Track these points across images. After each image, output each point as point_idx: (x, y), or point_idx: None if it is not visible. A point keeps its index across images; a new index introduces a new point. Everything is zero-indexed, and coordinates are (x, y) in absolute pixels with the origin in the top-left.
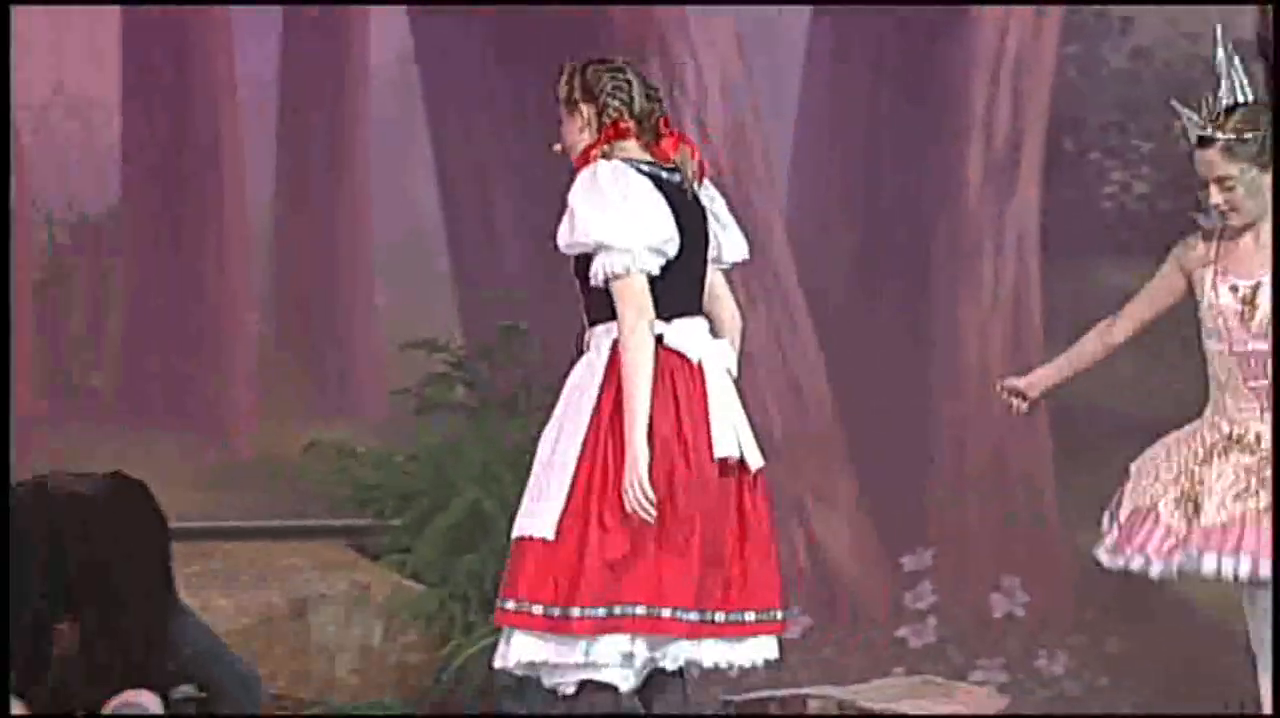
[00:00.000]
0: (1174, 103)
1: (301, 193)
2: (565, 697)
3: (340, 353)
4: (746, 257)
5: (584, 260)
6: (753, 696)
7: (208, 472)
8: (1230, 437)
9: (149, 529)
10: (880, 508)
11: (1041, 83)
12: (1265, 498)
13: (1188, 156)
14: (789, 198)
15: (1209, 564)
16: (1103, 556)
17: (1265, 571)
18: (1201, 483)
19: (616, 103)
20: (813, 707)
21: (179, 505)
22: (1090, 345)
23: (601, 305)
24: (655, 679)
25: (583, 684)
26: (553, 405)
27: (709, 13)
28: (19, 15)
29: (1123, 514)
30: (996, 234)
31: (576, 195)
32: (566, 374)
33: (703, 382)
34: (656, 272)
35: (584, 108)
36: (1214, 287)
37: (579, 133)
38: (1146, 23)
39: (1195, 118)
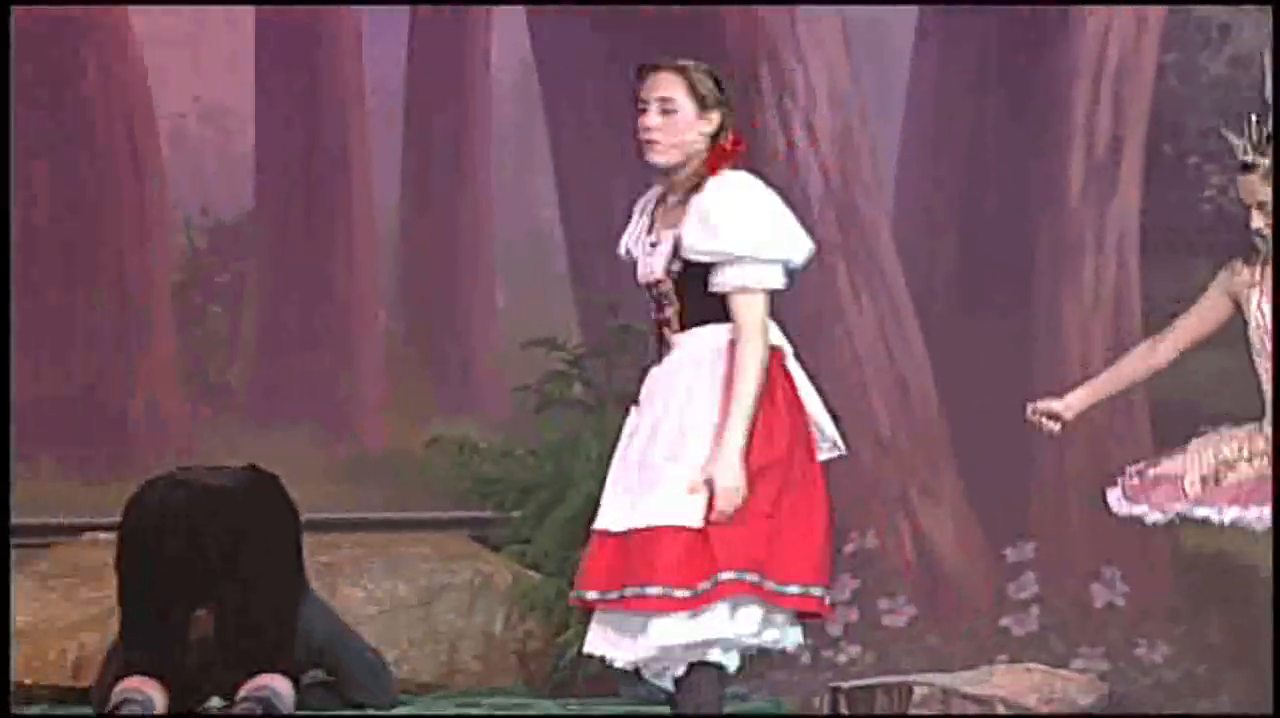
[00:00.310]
0: (1223, 131)
1: (426, 196)
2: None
3: (463, 351)
4: None
5: (690, 263)
6: (859, 683)
7: (337, 465)
8: (1268, 435)
9: (282, 521)
10: (984, 502)
11: (1142, 90)
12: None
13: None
14: (895, 201)
15: (1202, 512)
16: (1113, 500)
17: (1263, 525)
18: (1233, 469)
19: (731, 115)
20: (917, 694)
21: (310, 498)
22: (1129, 368)
23: (709, 308)
24: (694, 672)
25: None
26: None
27: (817, 14)
28: (157, 27)
29: (1151, 472)
30: (1098, 236)
31: (726, 204)
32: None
33: (790, 375)
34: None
35: (714, 114)
36: (1259, 307)
37: (700, 135)
38: (1244, 32)
39: (1240, 143)
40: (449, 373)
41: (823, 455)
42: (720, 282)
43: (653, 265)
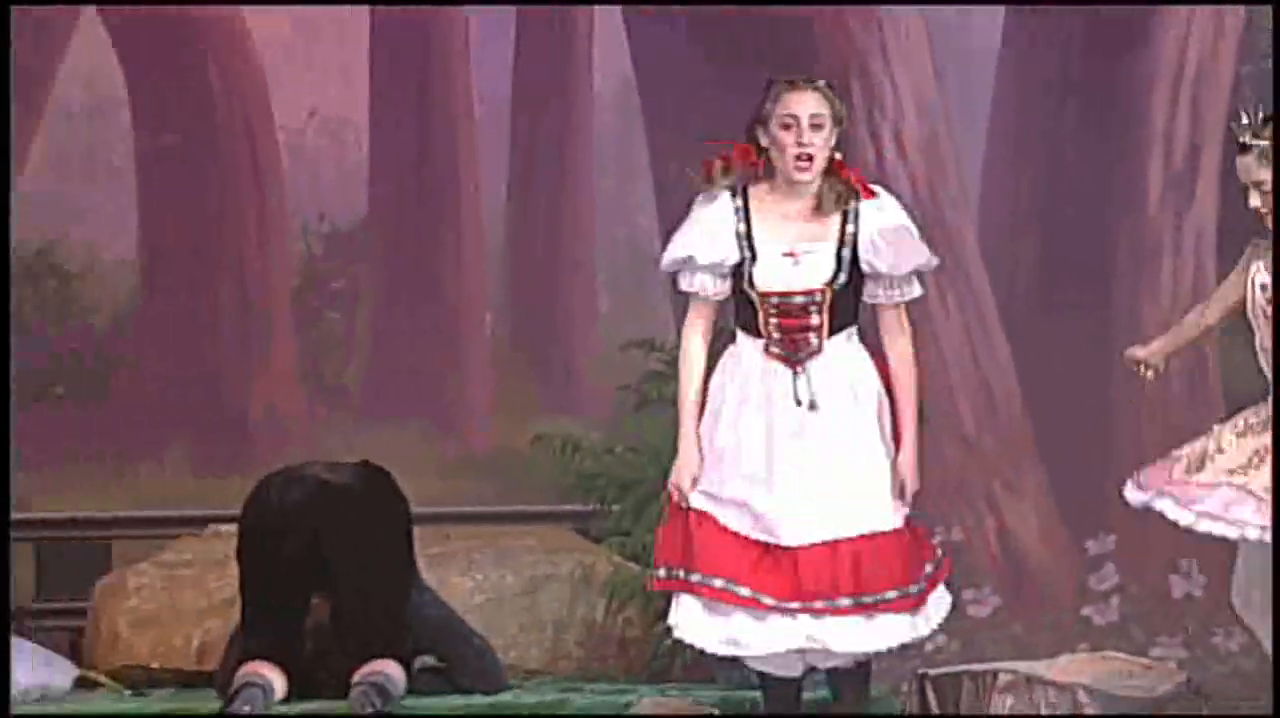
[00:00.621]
0: (1233, 124)
1: (531, 203)
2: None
3: (565, 352)
4: None
5: (844, 272)
6: (946, 670)
7: (446, 462)
8: (1264, 421)
9: (394, 514)
10: (1066, 496)
11: (1219, 98)
12: (1256, 478)
13: None
14: (980, 208)
15: (1160, 505)
16: (1129, 492)
17: (1203, 527)
18: (1222, 452)
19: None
20: (1001, 681)
21: (420, 492)
22: (1189, 326)
23: (850, 312)
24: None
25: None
26: None
27: (903, 23)
28: (275, 42)
29: (1174, 452)
30: (1176, 240)
31: (903, 222)
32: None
33: None
34: None
35: (835, 131)
36: (1251, 284)
37: (828, 148)
38: None
39: (1239, 126)
40: (552, 373)
41: None
42: (892, 293)
43: (801, 277)
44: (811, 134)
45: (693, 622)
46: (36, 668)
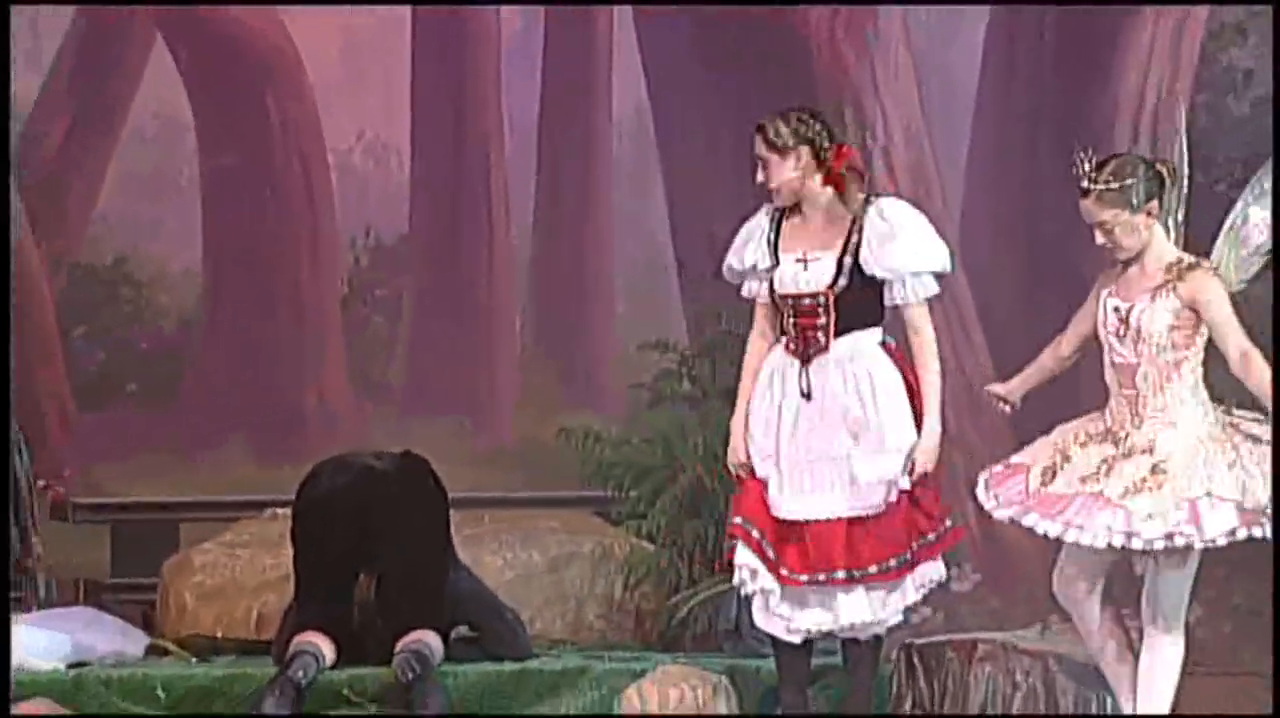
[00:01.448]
0: (1073, 169)
1: (555, 220)
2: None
3: (587, 353)
4: None
5: (860, 276)
6: (930, 640)
7: (479, 452)
8: (1107, 431)
9: (432, 498)
10: None
11: (1176, 127)
12: (1108, 484)
13: None
14: (961, 224)
15: (1029, 520)
16: (979, 490)
17: (1070, 537)
18: (1069, 461)
19: (829, 142)
20: (981, 650)
21: (455, 480)
22: (1047, 359)
23: (862, 314)
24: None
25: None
26: None
27: (893, 61)
28: (325, 72)
29: (1012, 459)
30: None
31: (922, 223)
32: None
33: None
34: None
35: (806, 151)
36: (1103, 307)
37: (797, 171)
38: (1263, 77)
39: (1080, 171)
40: (575, 372)
41: None
42: (906, 294)
43: (809, 280)
44: (761, 170)
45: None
46: (113, 637)
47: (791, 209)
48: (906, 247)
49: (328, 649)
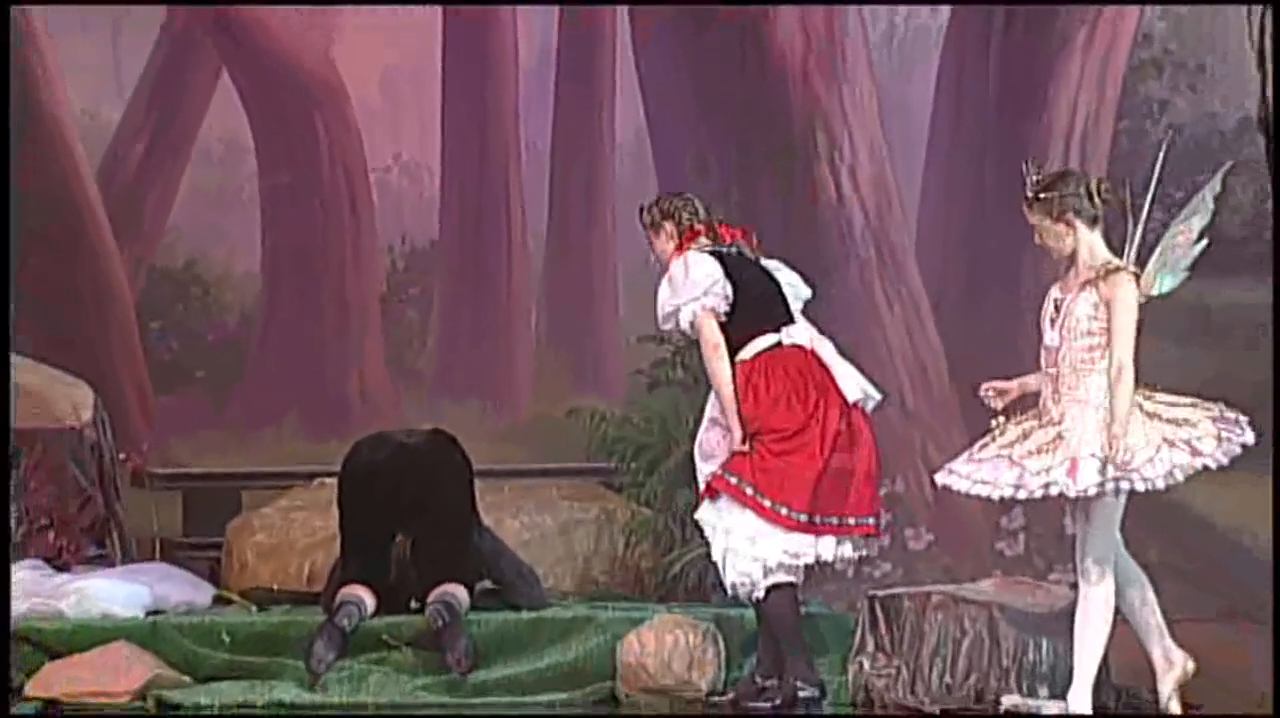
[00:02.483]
0: (1024, 179)
1: (566, 230)
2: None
3: (593, 344)
4: (808, 294)
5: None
6: (890, 592)
7: (499, 429)
8: (1034, 409)
9: (459, 470)
10: None
11: (1101, 149)
12: (1019, 448)
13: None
14: (917, 230)
15: (949, 480)
16: (939, 477)
17: (975, 491)
18: (1001, 433)
19: (687, 216)
20: (934, 600)
21: (479, 454)
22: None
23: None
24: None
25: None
26: None
27: (859, 90)
28: (367, 101)
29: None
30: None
31: (678, 271)
32: None
33: (819, 358)
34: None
35: (663, 226)
36: (1047, 299)
37: (666, 242)
38: (1177, 106)
39: (1028, 183)
40: (583, 361)
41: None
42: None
43: None
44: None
45: None
46: (184, 588)
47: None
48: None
49: (369, 600)
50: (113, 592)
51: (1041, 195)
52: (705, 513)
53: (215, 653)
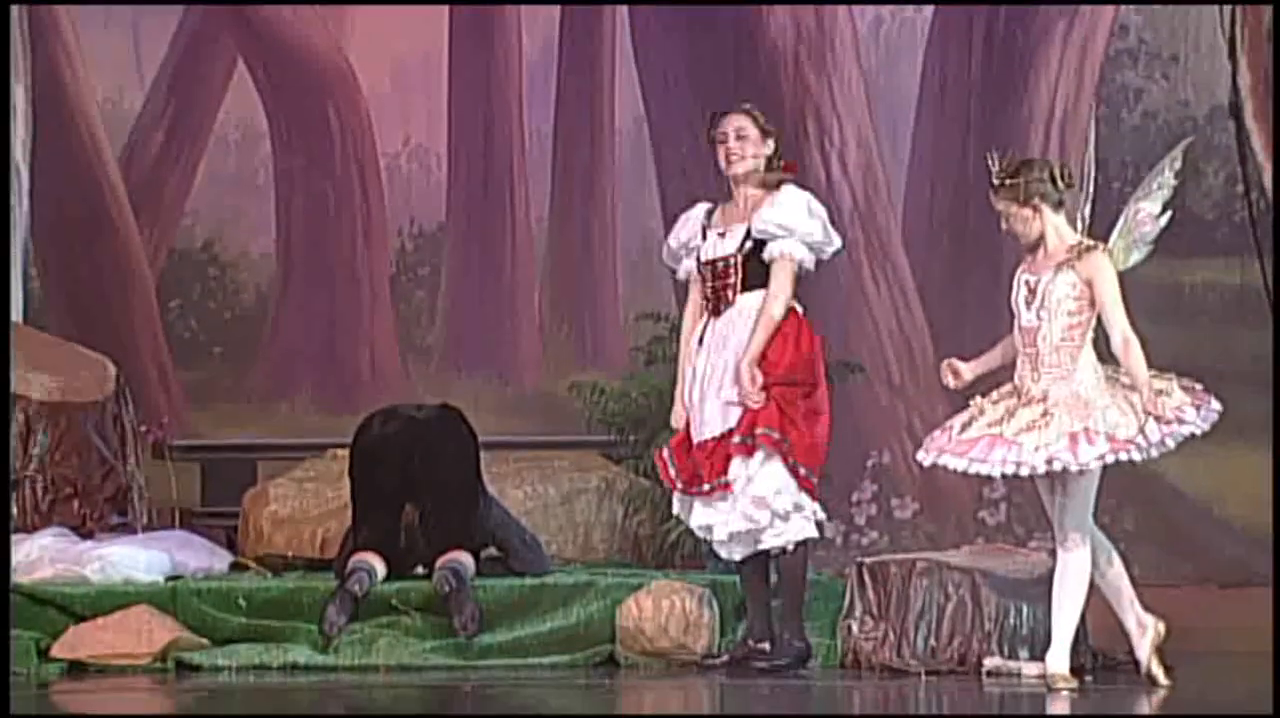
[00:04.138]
0: (988, 156)
1: (568, 213)
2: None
3: (594, 322)
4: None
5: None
6: (877, 559)
7: (504, 402)
8: (1014, 388)
9: (466, 441)
10: None
11: (1079, 133)
12: (1008, 427)
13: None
14: (903, 214)
15: (942, 460)
16: (921, 456)
17: (973, 469)
18: (983, 413)
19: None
20: (919, 567)
21: (485, 426)
22: (997, 353)
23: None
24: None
25: None
26: None
27: (847, 79)
28: (377, 89)
29: (947, 422)
30: None
31: (803, 202)
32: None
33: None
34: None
35: (766, 141)
36: (1016, 284)
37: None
38: (1152, 94)
39: (993, 170)
40: (584, 337)
41: None
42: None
43: (722, 247)
44: (735, 143)
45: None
46: (203, 555)
47: (728, 198)
48: (778, 209)
49: (379, 567)
50: (134, 558)
51: (1008, 182)
52: (739, 469)
53: (232, 617)
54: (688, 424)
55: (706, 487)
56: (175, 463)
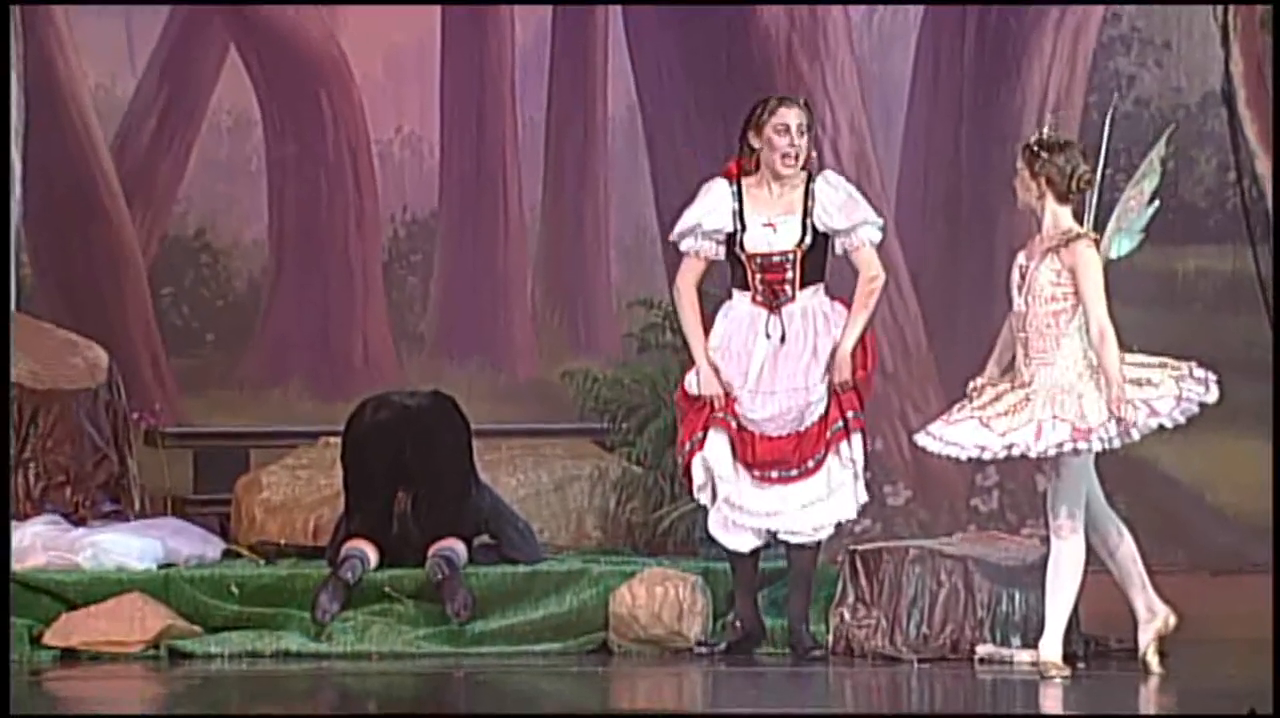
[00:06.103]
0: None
1: (560, 200)
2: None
3: (586, 309)
4: None
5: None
6: (870, 546)
7: (497, 390)
8: (1007, 373)
9: (458, 429)
10: None
11: (1073, 120)
12: (989, 410)
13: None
14: (896, 203)
15: (921, 440)
16: (919, 437)
17: (944, 451)
18: (978, 396)
19: None
20: (912, 554)
21: (478, 413)
22: (1001, 338)
23: (818, 270)
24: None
25: None
26: None
27: (840, 67)
28: (370, 77)
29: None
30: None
31: (848, 189)
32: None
33: None
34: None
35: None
36: (1014, 267)
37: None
38: (1144, 81)
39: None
40: (577, 324)
41: None
42: (849, 242)
43: (778, 241)
44: (798, 138)
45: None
46: (196, 543)
47: (748, 184)
48: (851, 204)
49: (372, 554)
50: (127, 545)
51: (1036, 149)
52: (846, 454)
53: (225, 604)
54: (723, 417)
55: (795, 471)
56: (168, 450)
